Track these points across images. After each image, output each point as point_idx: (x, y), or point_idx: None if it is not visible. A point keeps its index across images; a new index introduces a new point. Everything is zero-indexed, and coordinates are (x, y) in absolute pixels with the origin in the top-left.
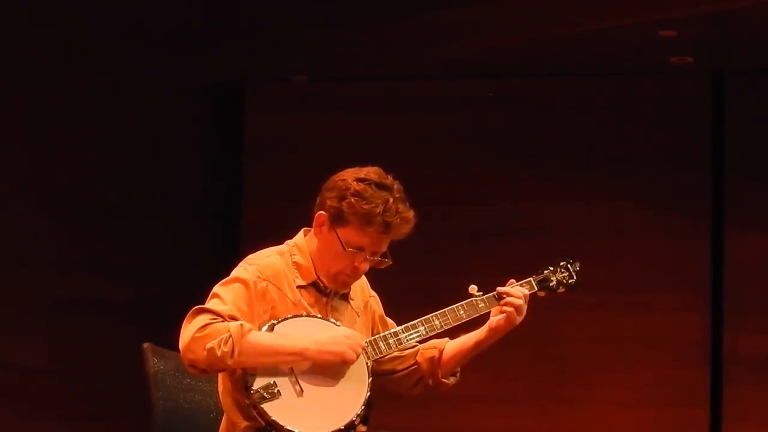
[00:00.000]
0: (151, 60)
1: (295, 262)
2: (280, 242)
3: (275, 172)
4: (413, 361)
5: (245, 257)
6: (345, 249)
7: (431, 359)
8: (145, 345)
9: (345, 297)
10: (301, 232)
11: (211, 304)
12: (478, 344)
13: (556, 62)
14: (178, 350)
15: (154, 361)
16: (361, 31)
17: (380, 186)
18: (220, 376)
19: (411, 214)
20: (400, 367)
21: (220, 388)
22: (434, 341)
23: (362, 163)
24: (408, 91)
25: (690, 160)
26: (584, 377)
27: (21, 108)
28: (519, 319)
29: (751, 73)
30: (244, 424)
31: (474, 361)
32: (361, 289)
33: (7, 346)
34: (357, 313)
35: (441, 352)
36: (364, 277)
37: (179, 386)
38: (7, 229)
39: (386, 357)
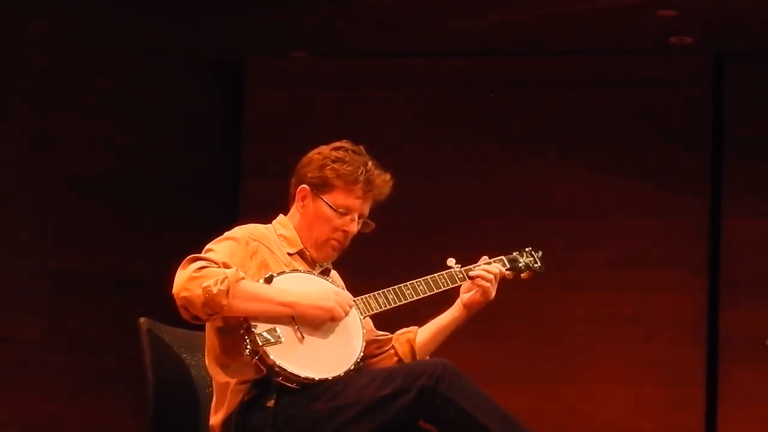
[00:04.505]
0: (151, 35)
1: (280, 234)
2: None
3: (274, 147)
4: (389, 346)
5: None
6: (336, 210)
7: (408, 341)
8: (141, 319)
9: (326, 273)
10: (280, 215)
11: (205, 254)
12: (453, 322)
13: (556, 41)
14: (174, 324)
15: (151, 335)
16: (361, 6)
17: (355, 152)
18: (207, 342)
19: (388, 176)
20: (377, 352)
21: (207, 359)
22: (406, 328)
23: (360, 138)
24: (408, 68)
25: (689, 140)
26: (580, 356)
27: (21, 82)
28: (493, 293)
29: (750, 54)
30: (234, 380)
31: (447, 342)
32: (336, 280)
33: (6, 319)
34: None
35: (415, 334)
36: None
37: (175, 360)
38: (6, 203)
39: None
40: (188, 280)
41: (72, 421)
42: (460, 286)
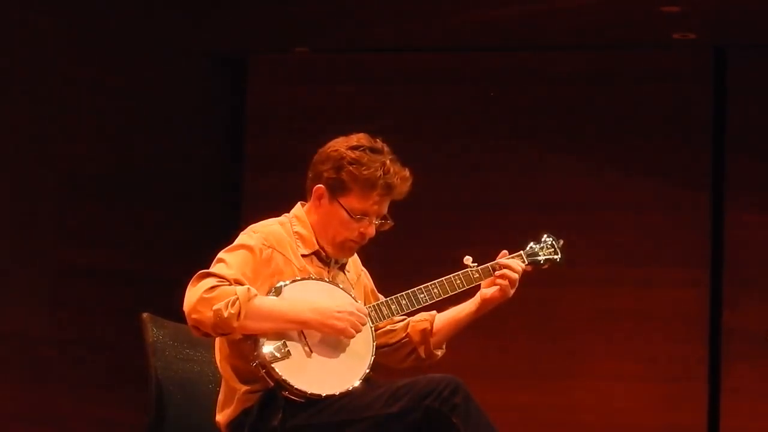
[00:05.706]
0: (154, 30)
1: (296, 231)
2: (281, 212)
3: (277, 143)
4: (404, 334)
5: (247, 227)
6: (352, 216)
7: (423, 331)
8: (145, 314)
9: (342, 268)
10: (299, 205)
11: (216, 268)
12: (468, 316)
13: (559, 36)
14: (177, 320)
15: (153, 330)
16: (363, 2)
17: (374, 150)
18: (218, 342)
19: (407, 172)
20: (392, 341)
21: (218, 357)
22: (423, 314)
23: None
24: (409, 63)
25: (691, 135)
26: (583, 351)
27: (21, 81)
28: (512, 291)
29: (753, 49)
30: (243, 388)
31: (463, 333)
32: (354, 263)
33: (11, 314)
34: (352, 285)
35: (432, 323)
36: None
37: (178, 356)
38: (11, 199)
39: (379, 331)
40: (198, 301)
41: (75, 415)
42: (476, 286)
